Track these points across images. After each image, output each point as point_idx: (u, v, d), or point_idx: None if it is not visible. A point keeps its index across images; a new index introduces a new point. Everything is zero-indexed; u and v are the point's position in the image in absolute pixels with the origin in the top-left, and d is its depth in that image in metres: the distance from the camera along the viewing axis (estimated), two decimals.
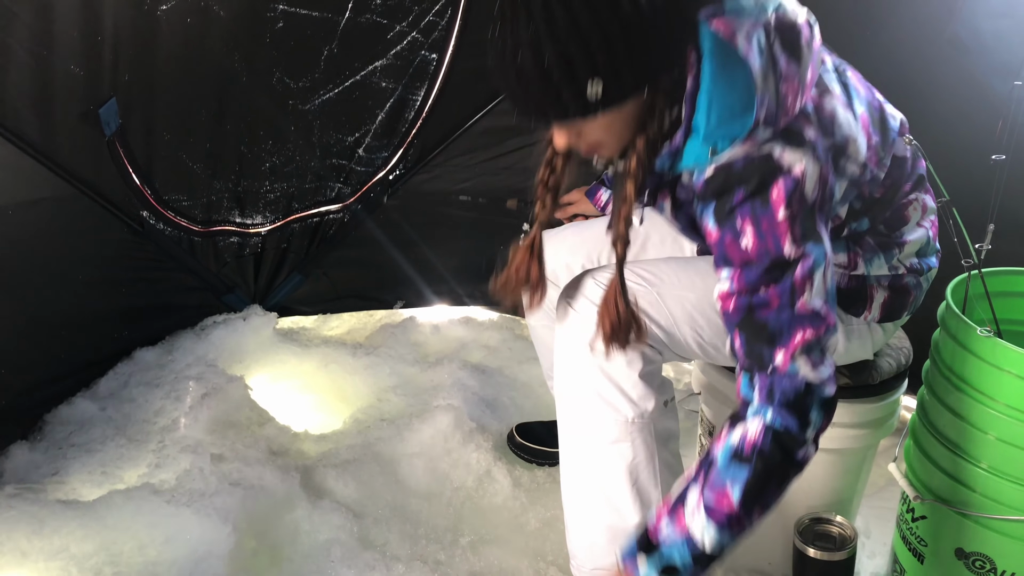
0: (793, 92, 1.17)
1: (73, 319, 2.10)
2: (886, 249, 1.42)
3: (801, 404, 1.17)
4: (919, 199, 1.46)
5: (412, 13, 2.22)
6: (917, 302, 1.50)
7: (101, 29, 1.89)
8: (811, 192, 1.16)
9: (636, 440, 1.37)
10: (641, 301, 1.34)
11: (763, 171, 1.15)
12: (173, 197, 2.27)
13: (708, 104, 1.15)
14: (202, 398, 2.04)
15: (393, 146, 2.50)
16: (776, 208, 1.15)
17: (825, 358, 1.19)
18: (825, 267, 1.18)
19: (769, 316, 1.17)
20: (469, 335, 2.63)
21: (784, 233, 1.15)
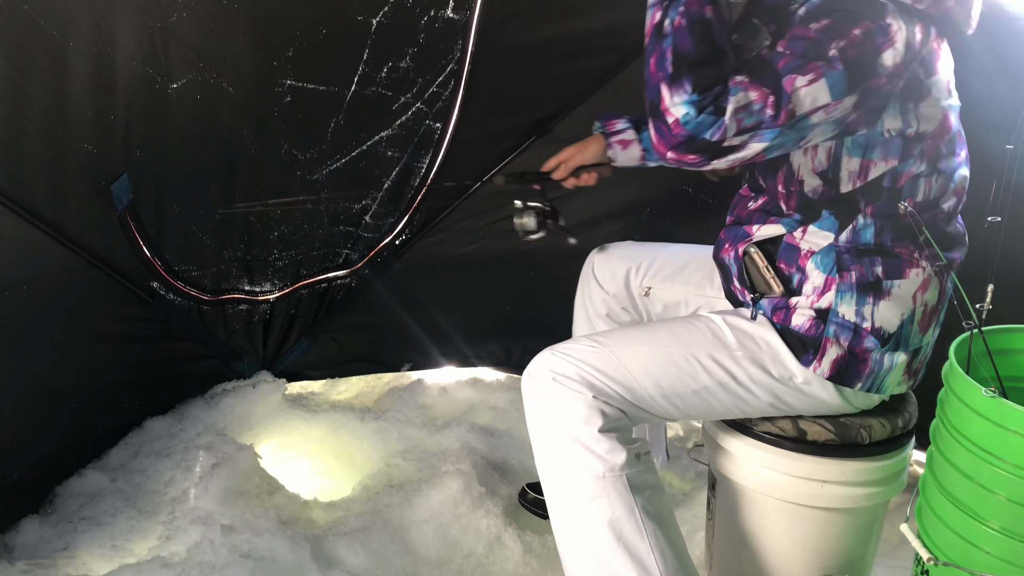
0: None
1: (84, 390, 2.12)
2: (863, 291, 1.45)
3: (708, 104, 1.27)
4: (928, 274, 1.46)
5: (416, 85, 2.28)
6: (879, 381, 1.49)
7: (114, 108, 1.94)
8: (884, 62, 1.28)
9: (611, 494, 1.41)
10: (596, 361, 1.45)
11: (868, 7, 1.28)
12: (183, 267, 2.31)
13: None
14: (212, 468, 2.05)
15: (399, 212, 2.55)
16: (857, 27, 1.27)
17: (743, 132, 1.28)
18: (828, 106, 1.28)
19: (767, 68, 1.28)
20: (477, 396, 2.64)
21: (845, 38, 1.26)
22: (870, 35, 1.28)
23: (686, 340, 1.51)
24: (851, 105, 1.31)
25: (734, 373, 1.49)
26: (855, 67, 1.28)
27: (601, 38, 2.30)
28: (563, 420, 1.44)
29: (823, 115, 1.30)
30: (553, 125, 2.49)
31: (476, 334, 2.76)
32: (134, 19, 1.88)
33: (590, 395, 1.45)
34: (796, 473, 1.55)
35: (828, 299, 1.47)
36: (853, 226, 1.45)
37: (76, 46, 1.81)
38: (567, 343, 1.53)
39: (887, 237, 1.45)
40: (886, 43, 1.29)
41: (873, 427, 1.54)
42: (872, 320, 1.46)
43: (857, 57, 1.27)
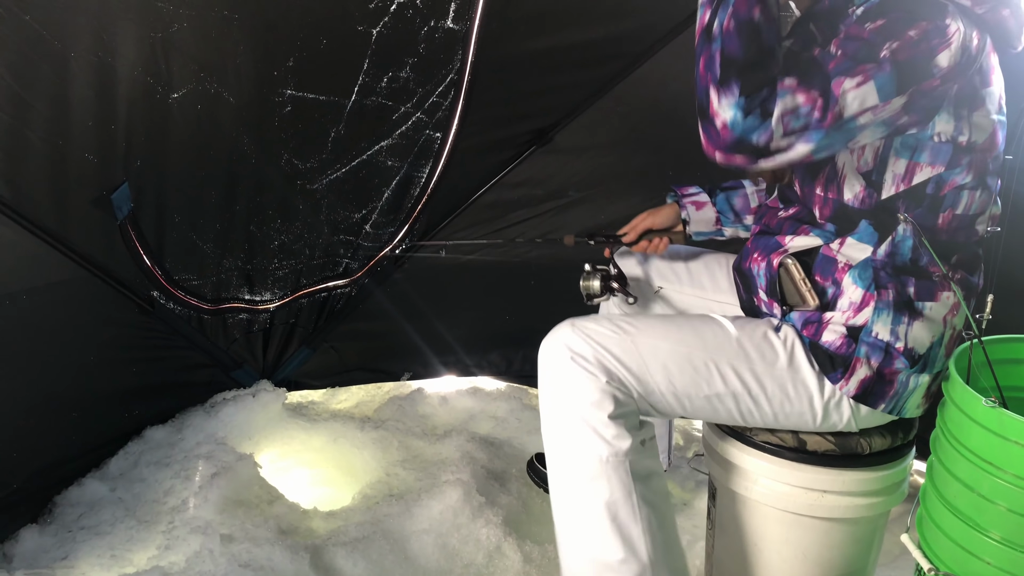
0: None
1: (84, 400, 2.12)
2: (899, 310, 1.44)
3: (757, 97, 1.29)
4: (957, 298, 1.46)
5: (416, 95, 2.28)
6: (902, 403, 1.49)
7: (115, 118, 1.94)
8: (939, 63, 1.28)
9: (612, 477, 1.44)
10: (615, 348, 1.46)
11: (928, 9, 1.29)
12: (183, 277, 2.31)
13: None
14: (212, 477, 2.05)
15: (399, 221, 2.55)
16: (913, 28, 1.28)
17: (790, 133, 1.29)
18: (876, 107, 1.28)
19: (817, 70, 1.29)
20: (477, 406, 2.64)
21: (898, 40, 1.27)
22: (926, 35, 1.27)
23: (710, 344, 1.50)
24: (900, 106, 1.30)
25: (749, 386, 1.49)
26: (906, 68, 1.28)
27: (600, 48, 2.31)
28: (575, 400, 1.45)
29: (871, 116, 1.30)
30: (553, 135, 2.50)
31: (476, 343, 2.76)
32: (135, 29, 1.88)
33: (604, 379, 1.45)
34: (796, 483, 1.55)
35: (865, 316, 1.45)
36: (892, 238, 1.43)
37: (78, 56, 1.81)
38: (590, 320, 1.51)
39: (923, 254, 1.43)
40: (942, 44, 1.28)
41: (873, 438, 1.54)
42: (905, 340, 1.45)
43: (909, 58, 1.28)
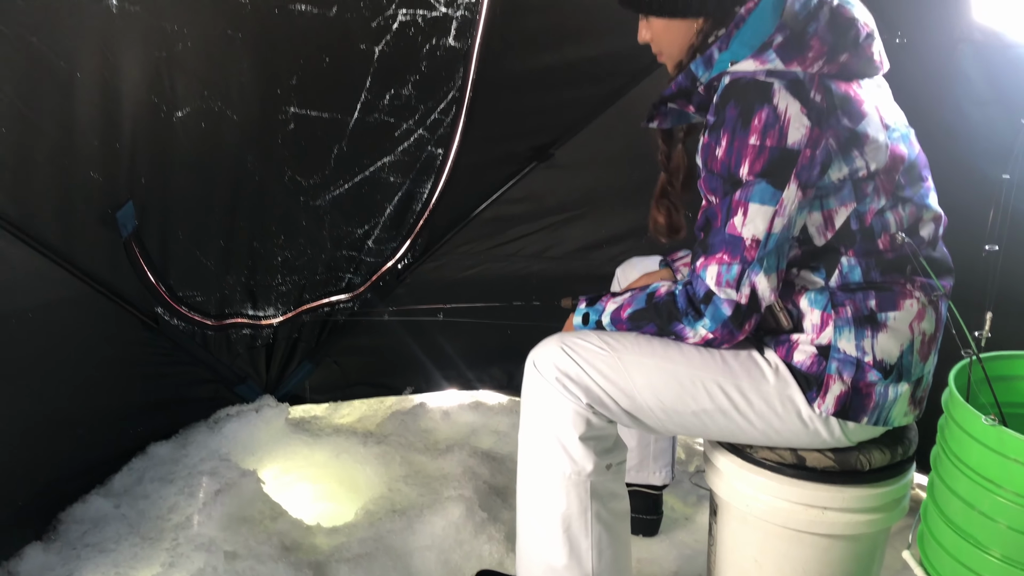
0: (817, 53, 1.38)
1: (89, 416, 2.13)
2: (860, 325, 1.46)
3: (699, 302, 1.46)
4: (922, 303, 1.48)
5: (418, 112, 2.30)
6: (885, 413, 1.50)
7: (120, 136, 1.96)
8: (793, 140, 1.35)
9: (571, 493, 1.53)
10: (601, 365, 1.50)
11: (756, 94, 1.36)
12: (187, 293, 2.33)
13: (746, 31, 1.41)
14: (216, 494, 2.05)
15: (401, 236, 2.57)
16: (752, 133, 1.35)
17: (738, 285, 1.41)
18: (774, 213, 1.37)
19: (712, 230, 1.43)
20: (479, 420, 2.65)
21: (746, 157, 1.36)
22: (764, 131, 1.35)
23: (695, 361, 1.52)
24: (796, 191, 1.38)
25: (736, 402, 1.50)
26: (771, 171, 1.36)
27: (600, 66, 2.33)
28: (550, 417, 1.52)
29: (781, 220, 1.39)
30: (553, 151, 2.52)
31: (478, 357, 2.77)
32: (140, 49, 1.91)
33: (584, 401, 1.51)
34: (797, 500, 1.55)
35: (827, 335, 1.48)
36: (839, 270, 1.48)
37: (83, 76, 1.83)
38: (578, 337, 1.55)
39: (875, 274, 1.47)
40: (784, 124, 1.35)
41: (873, 454, 1.55)
42: (873, 353, 1.46)
43: (766, 163, 1.36)
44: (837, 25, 1.42)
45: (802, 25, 1.39)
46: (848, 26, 1.43)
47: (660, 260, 1.98)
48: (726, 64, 1.42)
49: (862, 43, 1.44)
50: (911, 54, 2.07)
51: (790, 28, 1.39)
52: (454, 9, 2.15)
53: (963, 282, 1.56)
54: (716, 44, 1.45)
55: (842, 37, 1.41)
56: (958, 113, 2.02)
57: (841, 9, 1.44)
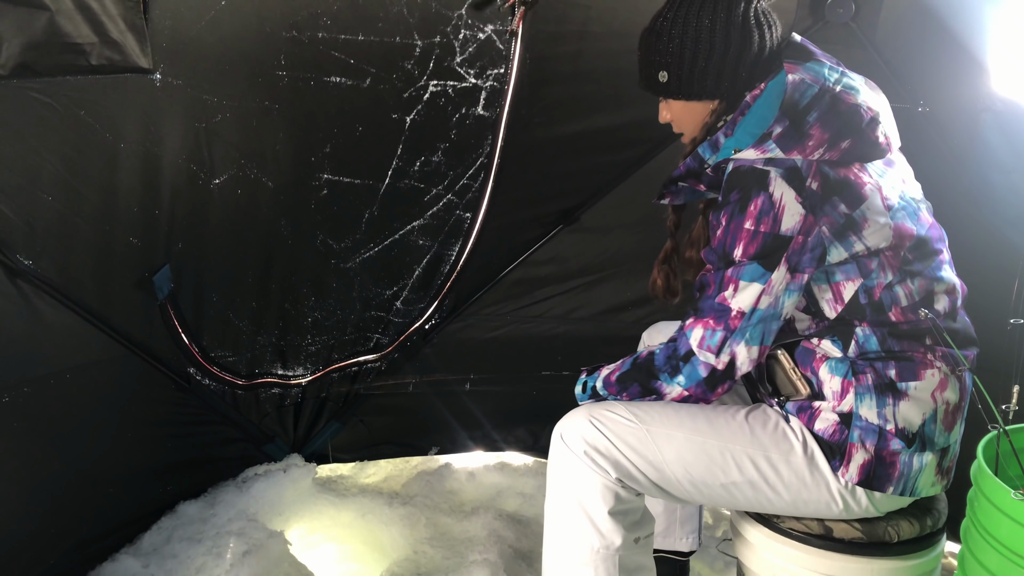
0: (818, 141, 1.43)
1: (120, 475, 2.16)
2: (881, 392, 1.47)
3: (679, 359, 1.54)
4: (944, 373, 1.48)
5: (448, 177, 2.36)
6: (911, 483, 1.49)
7: (159, 203, 2.03)
8: (787, 226, 1.42)
9: (599, 567, 1.53)
10: (630, 438, 1.52)
11: (754, 182, 1.43)
12: (219, 353, 2.37)
13: (751, 119, 1.46)
14: (243, 555, 2.06)
15: (429, 298, 2.60)
16: (747, 218, 1.43)
17: (719, 351, 1.49)
18: (761, 291, 1.44)
19: (704, 296, 1.51)
20: (505, 482, 2.65)
21: (742, 240, 1.44)
22: (761, 215, 1.42)
23: (723, 433, 1.53)
24: (785, 274, 1.44)
25: (766, 475, 1.51)
26: (763, 254, 1.43)
27: (625, 133, 2.38)
28: (580, 490, 1.53)
29: (768, 298, 1.46)
30: (579, 215, 2.55)
31: (503, 419, 2.77)
32: (181, 120, 1.99)
33: (613, 476, 1.51)
34: (825, 571, 1.54)
35: (848, 402, 1.48)
36: (855, 341, 1.49)
37: (126, 147, 1.92)
38: (606, 409, 1.56)
39: (892, 343, 1.48)
40: (779, 211, 1.41)
41: (902, 526, 1.54)
42: (895, 421, 1.47)
43: (759, 248, 1.43)
44: (838, 113, 1.45)
45: (802, 115, 1.44)
46: (851, 113, 1.46)
47: None
48: (730, 151, 1.47)
49: (865, 128, 1.47)
50: (934, 123, 2.10)
51: (789, 118, 1.44)
52: (483, 80, 2.22)
53: (989, 354, 1.57)
54: (723, 129, 1.51)
55: (844, 125, 1.45)
56: (981, 181, 2.04)
57: (843, 96, 1.47)
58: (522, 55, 2.20)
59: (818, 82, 1.47)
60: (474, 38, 2.16)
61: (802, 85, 1.46)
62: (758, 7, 1.54)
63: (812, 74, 1.48)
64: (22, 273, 1.80)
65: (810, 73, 1.48)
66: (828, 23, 2.15)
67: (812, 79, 1.47)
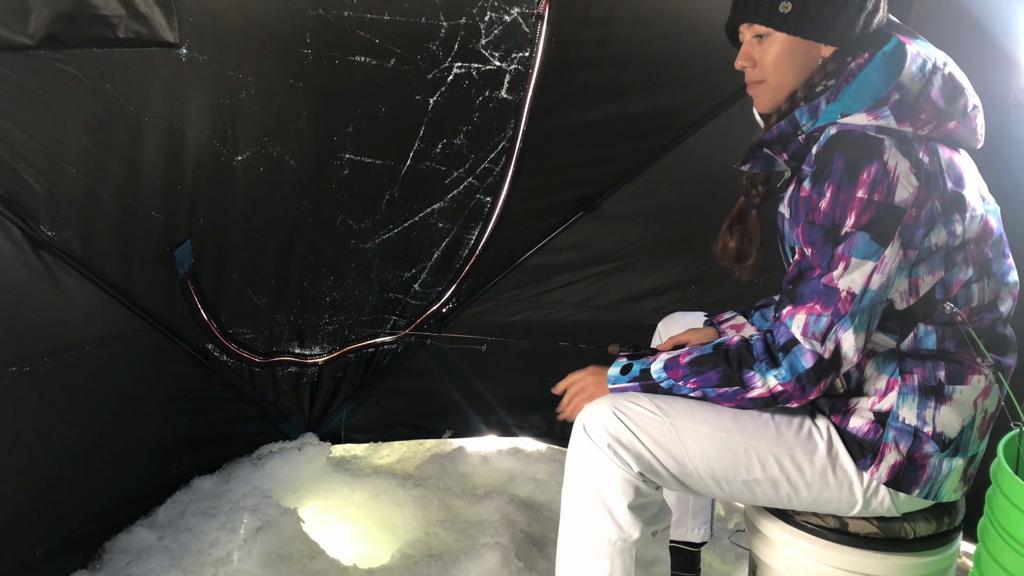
0: (929, 115, 1.39)
1: (136, 448, 2.18)
2: (924, 395, 1.45)
3: (777, 350, 1.44)
4: (989, 381, 1.46)
5: (469, 160, 2.35)
6: (937, 487, 1.48)
7: (182, 179, 2.04)
8: (900, 198, 1.34)
9: (615, 560, 1.51)
10: (654, 431, 1.49)
11: (866, 148, 1.34)
12: (238, 330, 2.38)
13: (859, 86, 1.39)
14: (256, 531, 2.08)
15: (447, 281, 2.60)
16: (859, 187, 1.33)
17: (824, 338, 1.39)
18: (874, 269, 1.35)
19: (805, 280, 1.40)
20: (518, 467, 2.65)
21: (853, 210, 1.34)
22: (873, 185, 1.33)
23: (748, 430, 1.51)
24: (898, 250, 1.36)
25: (788, 473, 1.50)
26: (876, 226, 1.35)
27: (648, 121, 2.37)
28: (599, 482, 1.50)
29: (880, 277, 1.37)
30: (600, 202, 2.54)
31: (518, 404, 2.77)
32: (205, 96, 1.99)
33: (636, 470, 1.49)
34: (839, 565, 1.53)
35: (889, 401, 1.47)
36: (914, 334, 1.46)
37: (151, 121, 1.92)
38: (630, 401, 1.52)
39: (949, 344, 1.45)
40: (893, 181, 1.34)
41: (918, 523, 1.53)
42: (933, 425, 1.45)
43: (872, 217, 1.34)
44: (949, 92, 1.42)
45: (918, 87, 1.39)
46: (958, 95, 1.44)
47: (704, 319, 1.97)
48: (835, 116, 1.40)
49: (969, 113, 1.45)
50: None
51: (907, 88, 1.38)
52: (508, 63, 2.21)
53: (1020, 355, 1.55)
54: (824, 95, 1.43)
55: (953, 104, 1.42)
56: (1011, 178, 2.00)
57: (953, 77, 1.44)
58: (547, 39, 2.19)
59: (931, 59, 1.43)
60: (500, 20, 2.15)
61: (919, 58, 1.41)
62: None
63: (925, 48, 1.44)
64: (45, 244, 1.81)
65: (924, 47, 1.44)
66: None
67: (927, 54, 1.43)
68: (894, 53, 1.41)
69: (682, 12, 2.22)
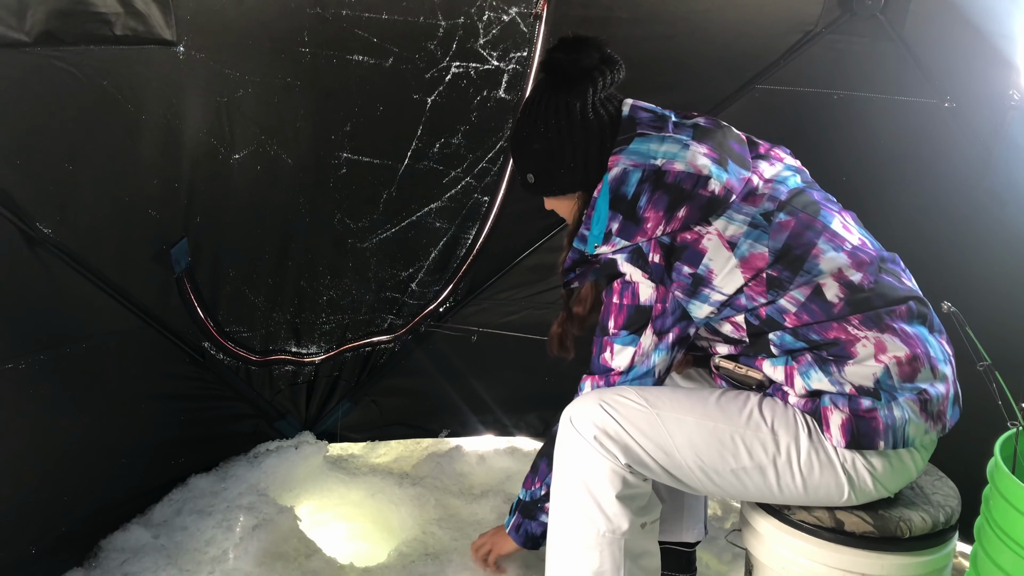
0: (656, 221, 1.52)
1: (132, 446, 2.18)
2: (822, 364, 1.49)
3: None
4: (874, 338, 1.48)
5: (467, 160, 2.35)
6: (900, 434, 1.47)
7: (179, 176, 2.04)
8: (645, 298, 1.58)
9: (604, 551, 1.55)
10: (641, 422, 1.53)
11: (611, 270, 1.61)
12: (234, 329, 2.38)
13: (596, 217, 1.57)
14: (253, 529, 2.08)
15: (444, 281, 2.60)
16: (613, 295, 1.61)
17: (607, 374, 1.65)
18: (634, 352, 1.60)
19: (592, 356, 1.69)
20: (514, 466, 2.65)
21: (612, 314, 1.61)
22: (622, 292, 1.59)
23: (734, 418, 1.54)
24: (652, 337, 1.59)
25: (775, 459, 1.51)
26: (629, 324, 1.60)
27: None
28: (587, 474, 1.55)
29: (641, 357, 1.61)
30: None
31: (515, 404, 2.77)
32: (202, 94, 1.99)
33: (623, 461, 1.52)
34: (835, 565, 1.54)
35: (801, 384, 1.51)
36: (773, 345, 1.53)
37: (148, 119, 1.92)
38: (617, 394, 1.57)
39: (810, 334, 1.50)
40: (635, 286, 1.58)
41: (913, 521, 1.53)
42: (851, 382, 1.48)
43: (625, 318, 1.60)
44: (667, 187, 1.51)
45: (632, 204, 1.52)
46: (678, 183, 1.51)
47: None
48: (592, 248, 1.60)
49: (696, 191, 1.51)
50: (959, 119, 2.08)
51: (621, 212, 1.53)
52: (506, 63, 2.21)
53: (1010, 351, 1.56)
54: (583, 224, 1.62)
55: (675, 197, 1.50)
56: (1007, 179, 2.01)
57: (667, 168, 1.52)
58: (546, 39, 2.19)
59: (640, 164, 1.53)
60: (498, 20, 2.15)
61: (623, 175, 1.54)
62: (595, 100, 1.60)
63: (633, 158, 1.54)
64: (41, 241, 1.81)
65: (631, 157, 1.55)
66: (856, 15, 2.13)
67: (634, 164, 1.54)
68: (605, 182, 1.57)
69: (680, 12, 2.23)
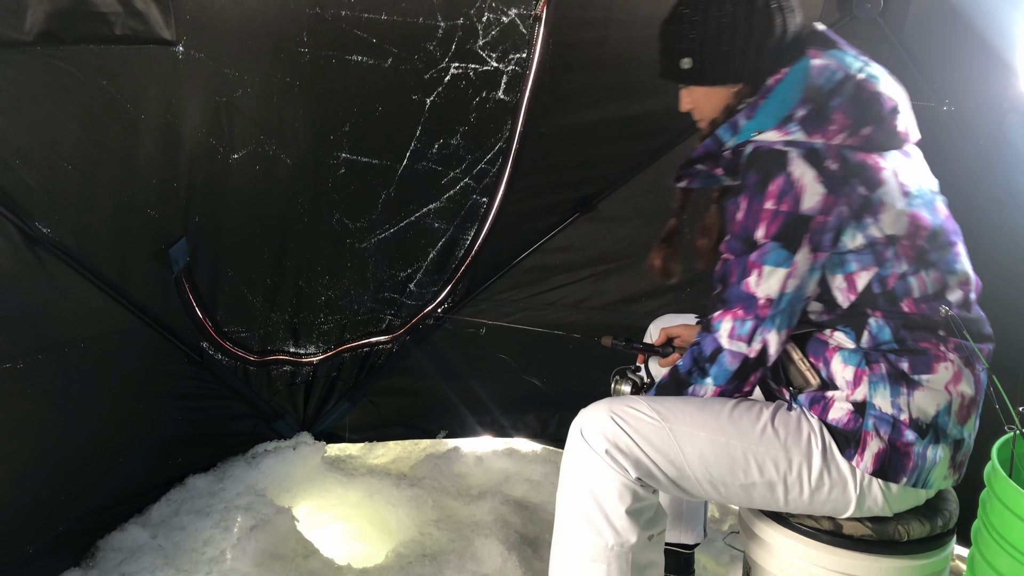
0: (840, 126, 1.44)
1: (130, 446, 2.18)
2: (895, 381, 1.46)
3: (704, 362, 1.54)
4: (958, 366, 1.48)
5: (466, 161, 2.35)
6: (925, 475, 1.48)
7: (178, 176, 2.03)
8: (808, 206, 1.42)
9: (612, 564, 1.51)
10: (653, 436, 1.50)
11: (773, 163, 1.44)
12: (232, 329, 2.38)
13: (771, 103, 1.48)
14: (250, 529, 2.07)
15: (443, 282, 2.60)
16: (767, 198, 1.43)
17: (750, 339, 1.49)
18: (787, 275, 1.45)
19: (729, 286, 1.51)
20: (512, 467, 2.65)
21: (762, 221, 1.44)
22: (780, 196, 1.43)
23: (747, 434, 1.52)
24: (808, 255, 1.45)
25: (785, 476, 1.50)
26: (784, 235, 1.44)
27: (645, 122, 2.37)
28: (597, 487, 1.51)
29: (794, 281, 1.46)
30: (596, 203, 2.55)
31: (513, 405, 2.77)
32: (201, 94, 1.99)
33: (633, 475, 1.49)
34: (833, 568, 1.54)
35: (862, 392, 1.48)
36: (868, 331, 1.49)
37: (147, 118, 1.92)
38: (628, 406, 1.53)
39: (905, 334, 1.48)
40: (799, 191, 1.42)
41: (912, 525, 1.53)
42: (909, 411, 1.46)
43: (780, 227, 1.44)
44: (861, 100, 1.47)
45: (825, 99, 1.45)
46: (872, 101, 1.48)
47: (696, 319, 1.98)
48: (750, 133, 1.49)
49: (885, 117, 1.49)
50: (959, 122, 2.08)
51: (813, 102, 1.46)
52: (505, 64, 2.21)
53: (1009, 355, 1.55)
54: (743, 112, 1.52)
55: (866, 111, 1.46)
56: (1006, 182, 2.01)
57: (866, 84, 1.49)
58: (545, 40, 2.19)
59: (842, 69, 1.49)
60: (497, 21, 2.15)
61: (826, 70, 1.48)
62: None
63: (836, 60, 1.50)
64: (40, 241, 1.80)
65: (834, 59, 1.50)
66: (855, 18, 2.13)
67: (837, 65, 1.49)
68: (800, 68, 1.48)
69: None
